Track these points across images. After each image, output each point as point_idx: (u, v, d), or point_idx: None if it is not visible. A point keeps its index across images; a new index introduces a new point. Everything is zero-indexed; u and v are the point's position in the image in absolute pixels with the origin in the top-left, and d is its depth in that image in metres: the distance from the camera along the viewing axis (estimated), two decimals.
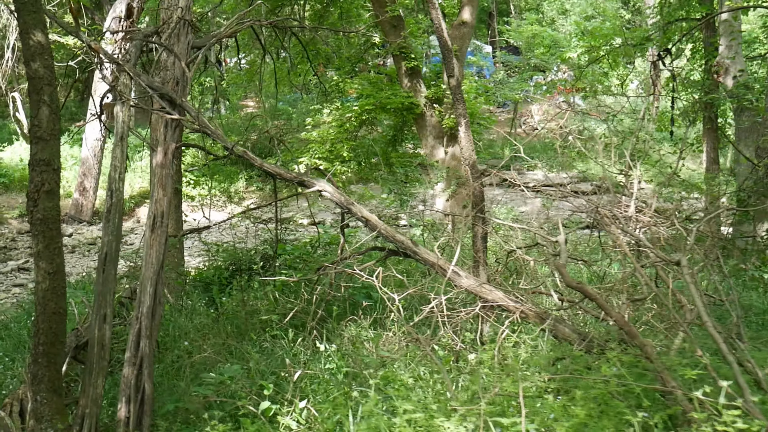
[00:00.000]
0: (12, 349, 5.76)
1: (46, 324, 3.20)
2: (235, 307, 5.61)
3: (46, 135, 3.22)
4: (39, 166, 3.22)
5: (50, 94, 3.24)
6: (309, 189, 4.52)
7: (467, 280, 4.06)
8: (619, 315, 2.81)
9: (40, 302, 3.20)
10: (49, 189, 3.22)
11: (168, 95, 5.04)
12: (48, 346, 3.20)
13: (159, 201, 4.65)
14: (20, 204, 18.53)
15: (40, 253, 3.20)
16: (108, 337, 3.54)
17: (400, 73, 12.52)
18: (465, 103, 4.76)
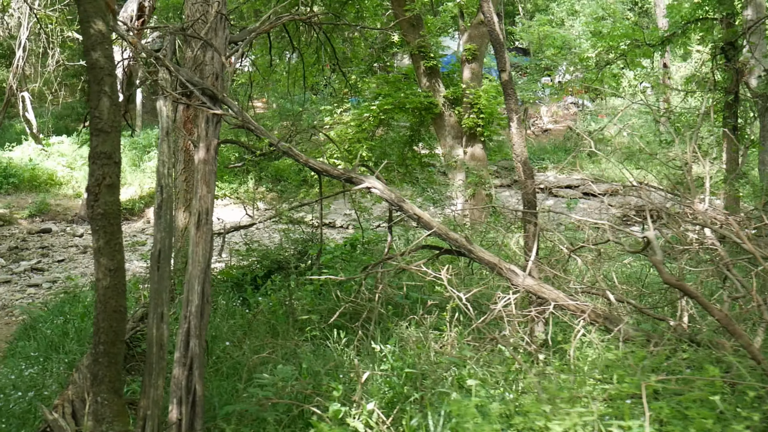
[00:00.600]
0: (45, 348, 5.64)
1: (107, 323, 3.08)
2: (273, 307, 5.50)
3: (107, 127, 3.11)
4: (100, 159, 3.11)
5: (111, 85, 3.13)
6: (357, 186, 4.41)
7: (527, 280, 3.95)
8: (722, 313, 2.70)
9: (100, 300, 3.08)
10: (111, 183, 3.11)
11: (210, 90, 4.93)
12: (108, 346, 3.09)
13: (203, 198, 4.54)
14: (30, 204, 18.44)
15: (101, 249, 3.09)
16: (166, 337, 3.42)
17: (418, 73, 12.42)
18: (516, 99, 4.66)
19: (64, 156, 20.59)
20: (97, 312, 3.11)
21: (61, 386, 4.58)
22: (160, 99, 4.67)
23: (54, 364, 5.20)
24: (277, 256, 6.69)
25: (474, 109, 11.77)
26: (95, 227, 3.11)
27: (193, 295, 4.09)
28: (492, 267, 4.05)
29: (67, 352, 5.36)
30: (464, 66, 12.31)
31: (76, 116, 29.14)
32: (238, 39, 5.66)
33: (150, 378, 3.27)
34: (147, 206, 19.93)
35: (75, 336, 5.60)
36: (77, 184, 19.83)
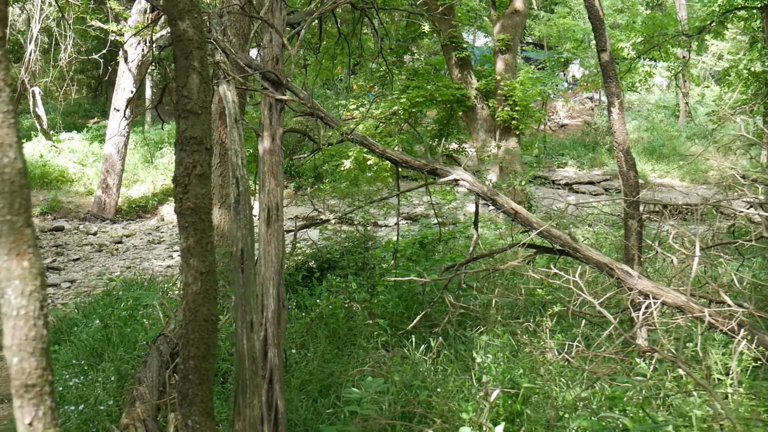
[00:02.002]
0: (86, 355, 5.23)
1: (197, 334, 2.67)
2: (333, 310, 5.09)
3: (197, 108, 2.69)
4: (189, 144, 2.69)
5: (201, 60, 2.71)
6: (443, 179, 4.00)
7: (641, 281, 3.54)
8: None
9: (190, 308, 2.67)
10: (202, 172, 2.69)
11: (274, 75, 4.51)
12: (200, 361, 2.68)
13: (272, 192, 4.13)
14: (41, 202, 18.02)
15: (191, 249, 2.67)
16: (258, 349, 3.02)
17: (449, 64, 12.00)
18: (618, 81, 4.26)
19: (75, 152, 20.18)
20: (186, 321, 2.70)
21: (116, 400, 4.18)
22: (222, 84, 4.25)
23: (99, 374, 4.78)
24: (330, 255, 6.28)
25: (509, 102, 11.34)
26: (184, 223, 2.69)
27: (269, 300, 3.70)
28: (602, 267, 3.64)
29: (112, 359, 4.95)
30: (497, 57, 11.89)
31: (83, 113, 28.74)
32: (295, 21, 5.24)
33: (244, 397, 2.86)
34: (160, 203, 19.50)
35: (119, 342, 5.19)
36: (89, 181, 19.43)
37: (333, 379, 4.02)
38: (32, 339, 1.12)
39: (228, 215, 7.81)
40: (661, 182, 21.61)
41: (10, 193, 1.08)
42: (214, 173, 7.84)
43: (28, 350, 1.12)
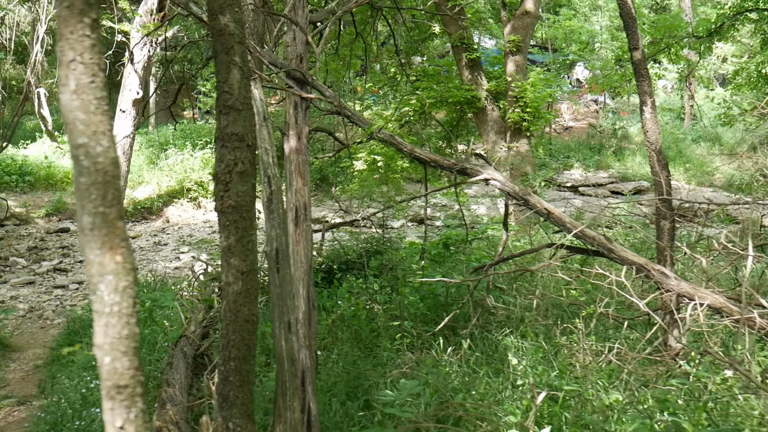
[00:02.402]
0: None
1: (238, 335, 2.61)
2: (355, 311, 5.02)
3: (239, 104, 2.64)
4: (230, 141, 2.63)
5: (242, 55, 2.66)
6: (473, 178, 3.94)
7: (680, 283, 3.49)
8: None
9: (230, 308, 2.61)
10: (243, 170, 2.64)
11: (300, 73, 4.46)
12: (240, 362, 2.62)
13: (299, 191, 4.08)
14: (46, 203, 17.97)
15: (232, 249, 2.62)
16: (297, 350, 2.96)
17: (460, 65, 11.95)
18: (650, 80, 4.21)
19: None
20: (227, 322, 2.64)
21: (150, 404, 4.11)
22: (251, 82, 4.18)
23: None
24: (348, 256, 6.21)
25: (519, 103, 11.29)
26: (225, 222, 2.64)
27: (299, 300, 3.64)
28: (637, 268, 3.59)
29: None
30: (507, 58, 11.84)
31: None
32: (317, 19, 5.19)
33: (284, 399, 2.80)
34: (165, 205, 19.45)
35: (143, 343, 5.12)
36: None
37: (360, 381, 3.95)
38: (125, 337, 1.06)
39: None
40: None
41: (104, 183, 1.02)
42: None
43: (120, 349, 1.06)
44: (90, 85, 1.00)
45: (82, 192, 1.02)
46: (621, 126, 23.36)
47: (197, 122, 23.77)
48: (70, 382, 4.77)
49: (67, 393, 4.65)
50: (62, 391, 4.75)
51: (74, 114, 1.00)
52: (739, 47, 27.14)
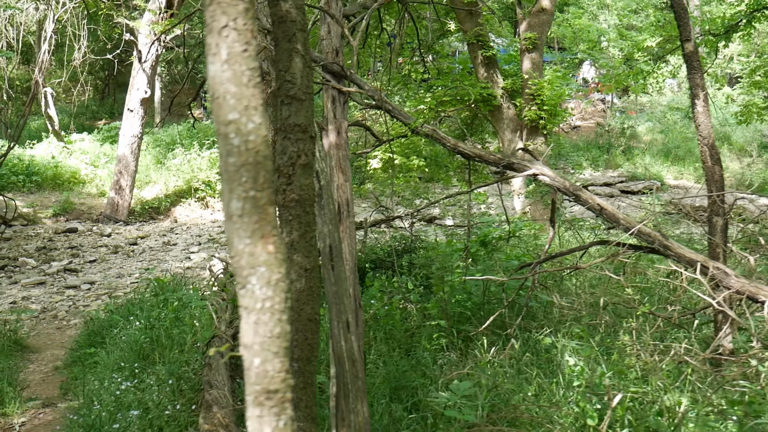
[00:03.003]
0: (133, 358, 5.05)
1: (301, 335, 2.50)
2: (390, 310, 4.91)
3: (301, 94, 2.53)
4: (293, 132, 2.52)
5: (304, 42, 2.55)
6: (521, 173, 3.83)
7: (738, 280, 3.38)
8: None
9: (293, 307, 2.50)
10: (306, 162, 2.53)
11: (338, 66, 4.35)
12: (304, 363, 2.51)
13: (341, 187, 3.97)
14: (53, 203, 17.86)
15: (295, 244, 2.51)
16: (357, 350, 2.85)
17: (475, 63, 11.84)
18: (702, 73, 4.11)
19: (86, 154, 20.01)
20: (289, 321, 2.52)
21: (183, 404, 4.00)
22: None
23: (150, 377, 4.60)
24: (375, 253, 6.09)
25: (537, 101, 11.18)
26: (287, 217, 2.53)
27: (346, 299, 3.52)
28: (693, 265, 3.48)
29: (163, 362, 4.77)
30: (523, 56, 11.73)
31: (90, 114, 28.59)
32: (350, 12, 5.08)
33: (347, 401, 2.69)
34: (173, 205, 19.35)
35: (168, 344, 5.01)
36: (101, 183, 19.27)
37: (402, 382, 3.84)
38: (277, 336, 0.95)
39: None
40: (676, 184, 21.48)
41: (254, 164, 0.91)
42: None
43: (272, 350, 0.95)
44: (243, 54, 0.89)
45: (231, 174, 0.91)
46: (630, 125, 23.27)
47: (203, 122, 23.64)
48: (100, 384, 4.66)
49: (98, 395, 4.54)
50: (93, 393, 4.64)
51: (225, 87, 0.89)
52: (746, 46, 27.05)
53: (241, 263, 0.92)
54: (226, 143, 0.91)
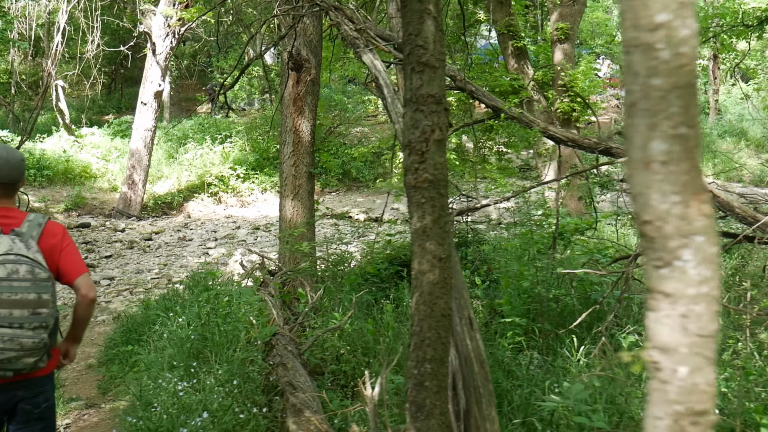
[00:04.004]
0: (185, 356, 4.76)
1: (434, 332, 2.22)
2: None
3: (434, 60, 2.24)
4: (426, 104, 2.24)
5: (436, 4, 2.26)
6: (620, 159, 3.56)
7: None
8: None
9: (425, 301, 2.22)
10: (441, 137, 2.24)
11: None
12: (437, 365, 2.23)
13: None
14: (65, 198, 17.57)
15: (427, 231, 2.22)
16: (483, 350, 2.57)
17: (506, 54, 11.55)
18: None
19: (97, 148, 19.71)
20: (420, 317, 2.25)
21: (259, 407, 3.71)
22: (364, 53, 3.79)
23: (209, 377, 4.32)
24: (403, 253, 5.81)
25: (570, 93, 10.89)
26: (419, 199, 2.24)
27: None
28: None
29: (220, 361, 4.48)
30: (555, 47, 11.44)
31: (98, 109, 28.25)
32: None
33: (479, 408, 2.40)
34: (186, 200, 19.05)
35: (223, 342, 4.72)
36: (113, 177, 18.97)
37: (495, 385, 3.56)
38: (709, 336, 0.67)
39: (302, 208, 7.34)
40: None
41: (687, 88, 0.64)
42: (287, 163, 7.39)
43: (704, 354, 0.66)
44: None
45: (654, 102, 0.63)
46: None
47: (213, 116, 23.33)
48: (155, 384, 4.37)
49: (153, 396, 4.25)
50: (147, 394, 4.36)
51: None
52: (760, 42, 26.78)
53: (666, 230, 0.64)
54: (649, 58, 0.63)
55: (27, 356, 2.55)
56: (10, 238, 2.60)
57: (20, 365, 2.55)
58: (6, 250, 2.55)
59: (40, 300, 2.56)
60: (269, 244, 14.94)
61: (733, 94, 26.29)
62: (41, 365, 2.65)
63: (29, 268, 2.56)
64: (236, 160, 20.07)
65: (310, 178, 7.41)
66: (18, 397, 2.65)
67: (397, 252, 6.19)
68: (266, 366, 4.01)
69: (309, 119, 7.36)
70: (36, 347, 2.57)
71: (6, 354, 2.49)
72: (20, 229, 2.66)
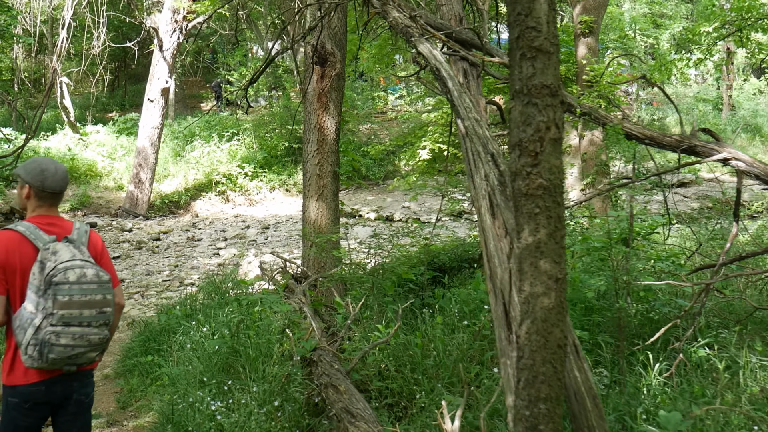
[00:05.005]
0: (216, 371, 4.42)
1: (550, 366, 1.88)
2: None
3: (548, 45, 1.90)
4: (540, 96, 1.89)
5: None
6: (707, 158, 3.22)
7: None
8: None
9: (538, 329, 1.88)
10: (557, 136, 1.89)
11: (475, 34, 3.72)
12: (553, 405, 1.89)
13: (488, 175, 3.33)
14: (70, 197, 17.22)
15: (541, 247, 1.88)
16: (593, 382, 2.22)
17: None
18: None
19: (102, 146, 19.34)
20: (532, 348, 1.90)
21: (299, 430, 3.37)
22: (420, 44, 3.44)
23: (243, 395, 3.98)
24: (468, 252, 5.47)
25: (595, 88, 10.51)
26: (533, 209, 1.90)
27: (515, 309, 2.89)
28: None
29: (255, 377, 4.14)
30: (578, 41, 11.08)
31: (101, 107, 27.87)
32: None
33: None
34: (193, 199, 18.72)
35: (256, 355, 4.37)
36: (118, 176, 18.61)
37: None
38: None
39: (327, 209, 6.99)
40: (710, 177, 20.84)
41: None
42: (311, 162, 7.04)
43: None
44: None
45: None
46: (659, 117, 22.66)
47: (218, 113, 22.94)
48: (185, 402, 4.03)
49: (188, 415, 3.92)
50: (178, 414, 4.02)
51: None
52: None
53: None
54: None
55: (91, 351, 2.79)
56: (65, 245, 2.80)
57: (84, 360, 2.79)
58: (71, 257, 2.76)
59: (104, 300, 2.79)
60: (281, 244, 14.61)
61: (746, 89, 25.94)
62: (97, 359, 2.88)
63: (95, 272, 2.78)
64: (244, 158, 19.73)
65: (334, 177, 7.06)
66: (73, 388, 2.87)
67: (430, 256, 5.85)
68: (312, 386, 3.66)
69: (334, 116, 7.01)
70: (100, 342, 2.82)
71: (76, 350, 2.72)
72: (71, 236, 2.87)
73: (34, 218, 2.87)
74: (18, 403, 2.75)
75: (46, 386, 2.77)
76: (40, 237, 2.76)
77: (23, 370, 2.74)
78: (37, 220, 2.86)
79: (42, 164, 2.93)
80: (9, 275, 2.72)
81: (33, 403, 2.76)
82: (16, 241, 2.75)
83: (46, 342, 2.66)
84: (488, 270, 3.15)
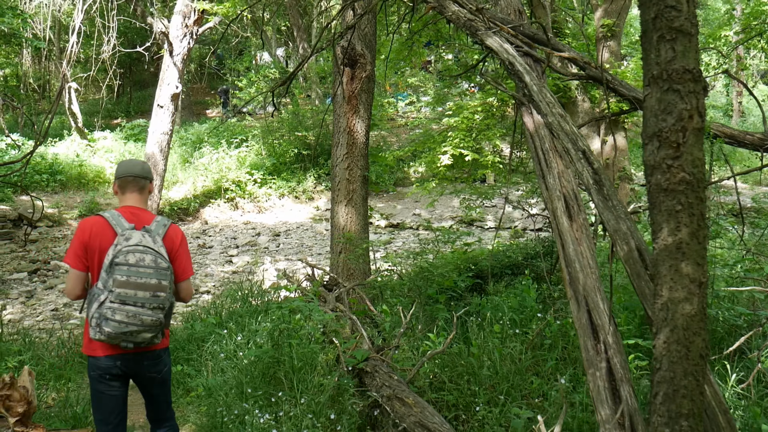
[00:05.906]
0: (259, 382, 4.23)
1: (691, 379, 1.71)
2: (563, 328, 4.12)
3: (689, 26, 1.73)
4: (682, 81, 1.72)
5: None
6: None
7: None
8: None
9: (679, 339, 1.71)
10: (700, 126, 1.72)
11: (540, 26, 3.56)
12: (694, 421, 1.71)
13: (563, 175, 3.15)
14: (78, 204, 17.05)
15: (683, 248, 1.71)
16: (723, 396, 2.04)
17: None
18: None
19: (110, 152, 19.18)
20: (672, 359, 1.73)
21: None
22: (488, 37, 3.28)
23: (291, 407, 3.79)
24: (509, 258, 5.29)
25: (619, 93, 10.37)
26: (674, 206, 1.72)
27: (600, 317, 2.72)
28: None
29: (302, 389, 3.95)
30: (600, 44, 10.95)
31: (105, 113, 27.75)
32: None
33: None
34: (202, 206, 18.53)
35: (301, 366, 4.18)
36: None
37: None
38: None
39: (356, 215, 6.82)
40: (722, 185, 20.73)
41: None
42: (340, 166, 6.87)
43: None
44: None
45: None
46: None
47: (225, 120, 22.80)
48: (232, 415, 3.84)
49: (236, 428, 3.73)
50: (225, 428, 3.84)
51: None
52: None
53: None
54: None
55: (145, 331, 3.00)
56: (141, 233, 3.06)
57: (139, 339, 3.01)
58: (136, 242, 3.00)
59: (159, 285, 2.99)
60: (293, 251, 14.42)
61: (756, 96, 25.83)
62: (156, 341, 3.09)
63: (153, 258, 3.00)
64: (253, 165, 19.56)
65: (364, 182, 6.90)
66: (143, 366, 3.15)
67: (465, 262, 5.67)
68: (371, 397, 3.48)
69: (364, 119, 6.85)
70: (153, 324, 3.00)
71: (130, 327, 2.95)
72: (150, 226, 3.14)
73: (120, 208, 3.21)
74: (97, 375, 3.07)
75: (120, 361, 3.06)
76: (120, 224, 3.07)
77: (89, 342, 3.07)
78: (122, 210, 3.19)
79: (122, 161, 3.33)
80: (90, 254, 3.04)
81: (110, 375, 3.06)
82: (100, 225, 3.09)
83: (103, 316, 2.92)
84: (567, 276, 2.98)
